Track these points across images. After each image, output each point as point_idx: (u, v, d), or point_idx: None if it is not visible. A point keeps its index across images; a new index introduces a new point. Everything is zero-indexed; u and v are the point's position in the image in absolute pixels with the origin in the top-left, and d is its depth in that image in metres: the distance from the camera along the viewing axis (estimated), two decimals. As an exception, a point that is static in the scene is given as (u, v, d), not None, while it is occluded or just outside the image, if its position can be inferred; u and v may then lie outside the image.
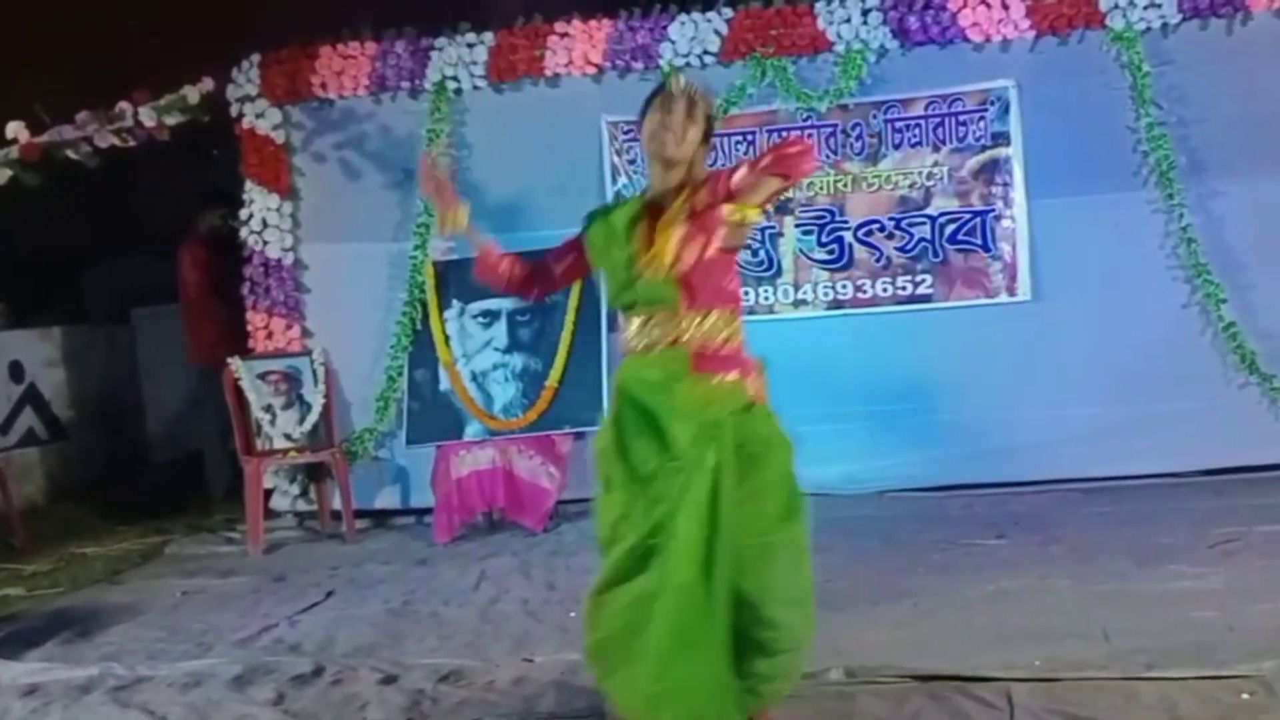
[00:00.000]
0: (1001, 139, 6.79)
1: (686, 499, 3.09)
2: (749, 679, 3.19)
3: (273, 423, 6.97)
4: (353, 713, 3.94)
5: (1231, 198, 6.59)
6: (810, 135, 6.88)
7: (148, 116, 6.22)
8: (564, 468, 6.65)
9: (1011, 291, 6.82)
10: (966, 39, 6.74)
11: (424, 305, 7.01)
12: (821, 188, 6.96)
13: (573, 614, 4.69)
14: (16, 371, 8.50)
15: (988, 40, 6.73)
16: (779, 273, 7.01)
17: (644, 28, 6.93)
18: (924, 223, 6.89)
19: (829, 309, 6.98)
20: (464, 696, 3.97)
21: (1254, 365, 6.56)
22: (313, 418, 7.01)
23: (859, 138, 6.92)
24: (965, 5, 6.68)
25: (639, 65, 6.95)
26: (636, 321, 3.26)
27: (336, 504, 6.99)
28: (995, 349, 6.77)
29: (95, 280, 10.44)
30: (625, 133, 6.95)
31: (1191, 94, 6.59)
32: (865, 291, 6.96)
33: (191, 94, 6.38)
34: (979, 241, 6.85)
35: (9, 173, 5.99)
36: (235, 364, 6.97)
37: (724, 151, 6.95)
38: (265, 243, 7.18)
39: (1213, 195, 6.61)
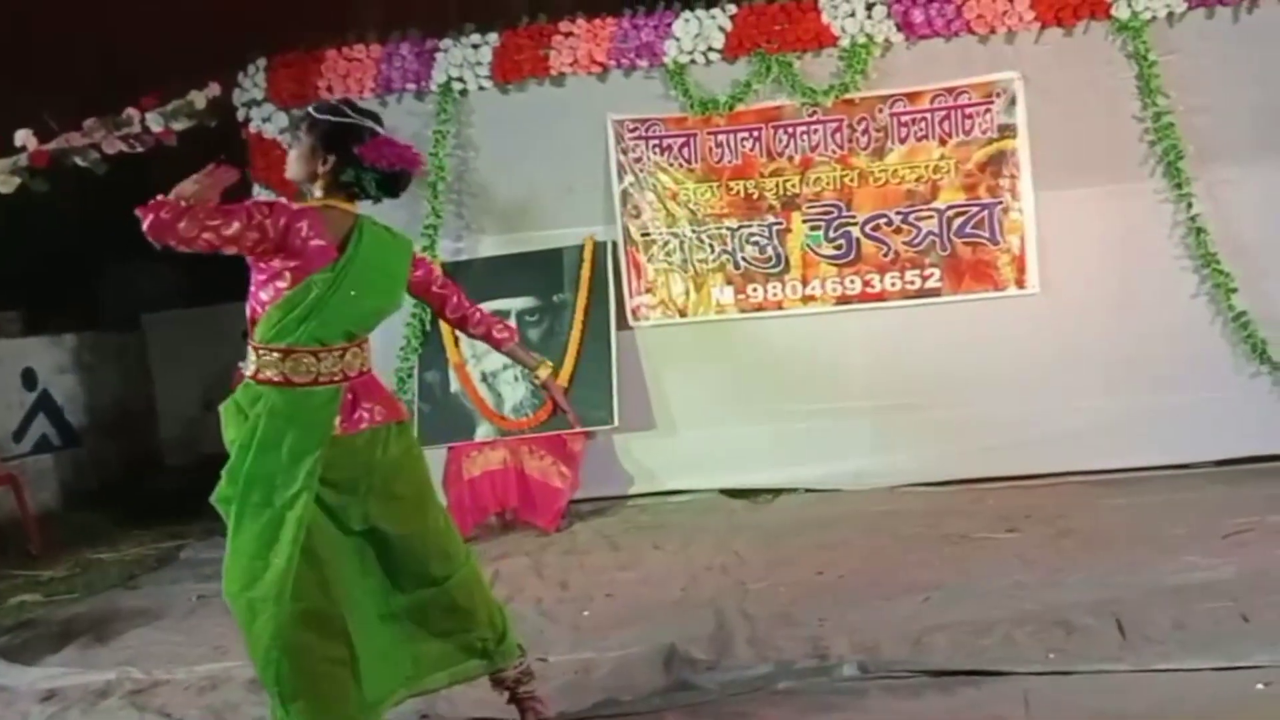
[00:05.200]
0: (1008, 131, 6.77)
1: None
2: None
3: (284, 426, 6.96)
4: (368, 714, 3.95)
5: (1240, 186, 6.57)
6: (816, 130, 6.91)
7: (155, 122, 6.24)
8: (575, 467, 6.66)
9: (1020, 284, 6.80)
10: (971, 31, 6.72)
11: (433, 307, 7.00)
12: (828, 183, 6.95)
13: (586, 613, 4.71)
14: (29, 379, 8.54)
15: (993, 32, 6.71)
16: (787, 268, 7.00)
17: (648, 25, 6.92)
18: (931, 216, 6.88)
19: (837, 304, 6.97)
20: (479, 696, 3.97)
21: (1264, 354, 6.53)
22: (324, 420, 7.01)
23: (865, 132, 6.90)
24: (970, -2, 6.69)
25: (644, 63, 6.95)
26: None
27: (349, 506, 7.00)
28: (1004, 342, 6.76)
29: (106, 286, 10.45)
30: (631, 131, 6.96)
31: (1199, 82, 6.56)
32: (873, 286, 6.94)
33: (198, 99, 6.40)
34: (986, 234, 6.83)
35: (18, 180, 6.02)
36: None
37: (730, 149, 6.96)
38: (274, 246, 7.19)
39: (1221, 184, 6.58)
